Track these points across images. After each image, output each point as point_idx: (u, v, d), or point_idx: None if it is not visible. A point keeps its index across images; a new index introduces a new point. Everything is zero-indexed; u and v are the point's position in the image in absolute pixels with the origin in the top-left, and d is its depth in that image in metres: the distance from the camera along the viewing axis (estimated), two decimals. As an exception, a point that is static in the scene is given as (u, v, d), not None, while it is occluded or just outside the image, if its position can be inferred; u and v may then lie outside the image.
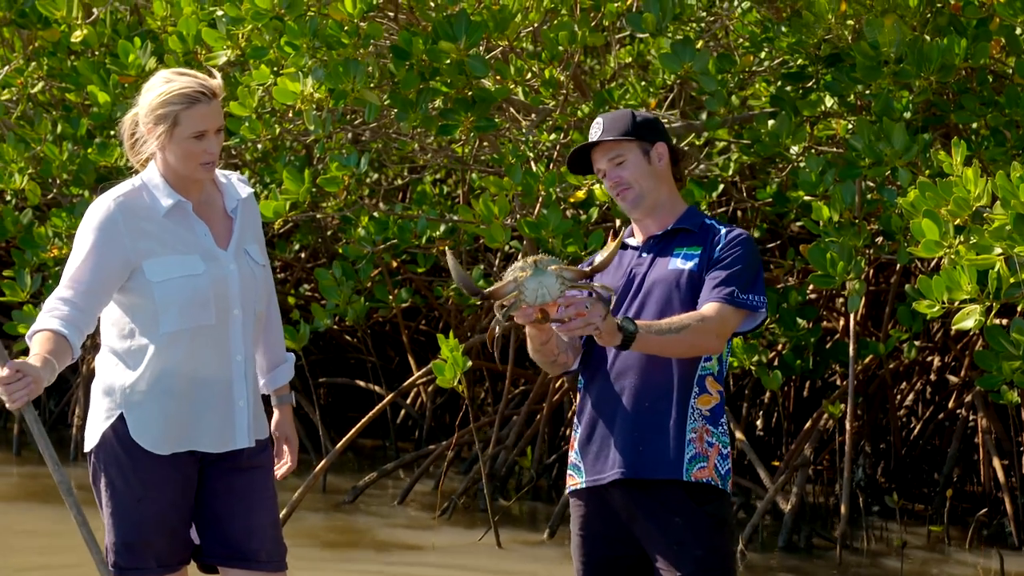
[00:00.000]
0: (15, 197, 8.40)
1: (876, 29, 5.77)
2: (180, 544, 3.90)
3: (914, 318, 6.96)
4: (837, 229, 5.95)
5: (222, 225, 3.91)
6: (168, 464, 3.82)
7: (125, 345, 3.84)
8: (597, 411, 3.94)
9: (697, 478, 3.85)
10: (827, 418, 7.66)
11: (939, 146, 6.09)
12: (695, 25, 6.88)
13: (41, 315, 3.76)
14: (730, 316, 3.86)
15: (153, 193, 3.83)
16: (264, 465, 3.97)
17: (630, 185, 3.97)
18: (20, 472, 9.30)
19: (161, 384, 3.81)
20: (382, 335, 10.81)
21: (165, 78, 3.82)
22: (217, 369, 3.85)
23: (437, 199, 8.47)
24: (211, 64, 6.84)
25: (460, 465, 9.17)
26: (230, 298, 3.85)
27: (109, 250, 3.77)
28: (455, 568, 7.10)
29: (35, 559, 6.95)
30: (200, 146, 3.79)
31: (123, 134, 3.91)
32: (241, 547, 3.89)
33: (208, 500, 3.89)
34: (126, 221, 3.79)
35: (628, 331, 3.71)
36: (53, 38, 7.67)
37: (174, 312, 3.79)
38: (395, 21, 6.83)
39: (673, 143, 4.09)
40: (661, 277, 3.93)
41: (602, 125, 4.01)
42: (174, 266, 3.80)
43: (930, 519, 7.85)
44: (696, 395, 3.89)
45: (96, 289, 3.77)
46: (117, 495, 3.81)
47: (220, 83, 3.84)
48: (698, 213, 4.06)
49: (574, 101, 6.85)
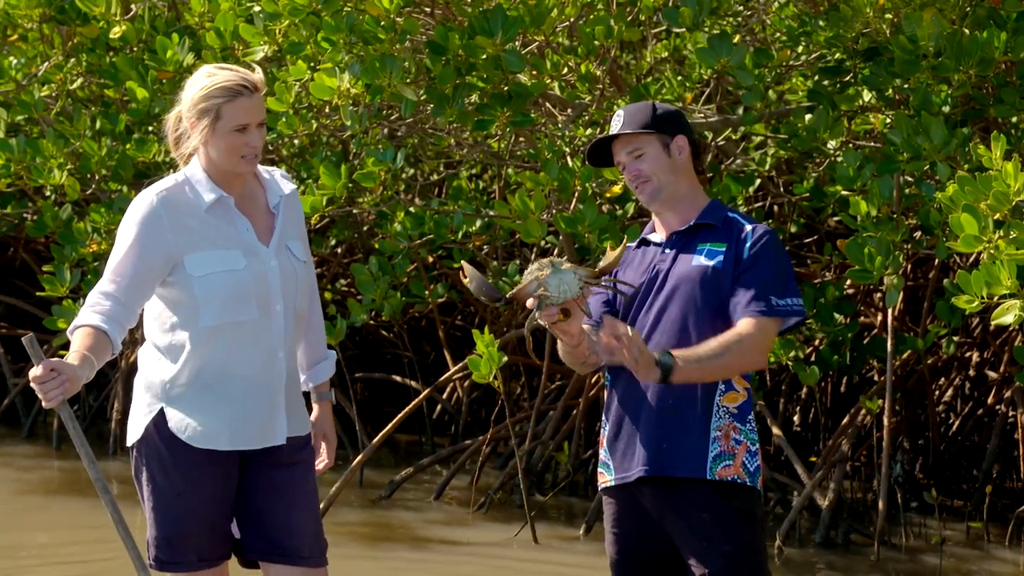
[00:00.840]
0: (54, 193, 8.47)
1: (915, 23, 5.74)
2: (220, 538, 3.92)
3: (953, 313, 6.92)
4: (875, 224, 5.92)
5: (264, 221, 3.92)
6: (208, 458, 3.84)
7: (166, 340, 3.86)
8: (623, 408, 3.93)
9: (721, 476, 3.83)
10: (864, 414, 7.62)
11: (978, 140, 6.05)
12: (732, 19, 6.86)
13: (83, 310, 3.78)
14: (771, 327, 3.83)
15: (196, 188, 3.85)
16: (304, 461, 3.98)
17: (648, 178, 3.94)
18: (60, 466, 9.36)
19: (201, 379, 3.82)
20: (418, 330, 10.83)
21: (207, 72, 3.84)
22: (258, 365, 3.87)
23: (473, 194, 8.48)
24: (248, 60, 6.87)
25: (496, 460, 9.18)
26: (271, 294, 3.86)
27: (151, 244, 3.79)
28: (491, 563, 7.11)
29: (74, 552, 6.99)
30: (242, 139, 3.81)
31: (167, 130, 3.94)
32: (282, 542, 3.90)
33: (249, 495, 3.91)
34: (169, 215, 3.81)
35: (666, 366, 3.67)
36: (92, 34, 7.72)
37: (215, 307, 3.80)
38: (431, 16, 6.83)
39: (694, 136, 4.05)
40: (685, 274, 3.89)
41: (622, 118, 3.98)
42: (215, 261, 3.81)
43: (969, 515, 7.81)
44: (722, 393, 3.86)
45: (138, 283, 3.79)
46: (158, 489, 3.83)
47: (261, 77, 3.86)
48: (721, 206, 4.02)
49: (610, 96, 6.84)
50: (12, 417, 10.49)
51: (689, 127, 4.05)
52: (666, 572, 3.94)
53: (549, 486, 8.58)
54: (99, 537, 7.30)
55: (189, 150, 3.89)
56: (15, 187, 8.24)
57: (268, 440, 3.89)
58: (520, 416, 8.77)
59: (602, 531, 7.57)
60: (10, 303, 11.11)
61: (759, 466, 3.89)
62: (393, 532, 7.69)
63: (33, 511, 7.91)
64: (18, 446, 9.93)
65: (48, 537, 7.32)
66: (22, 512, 7.88)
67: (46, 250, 10.05)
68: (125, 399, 9.80)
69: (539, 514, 7.69)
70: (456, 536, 7.60)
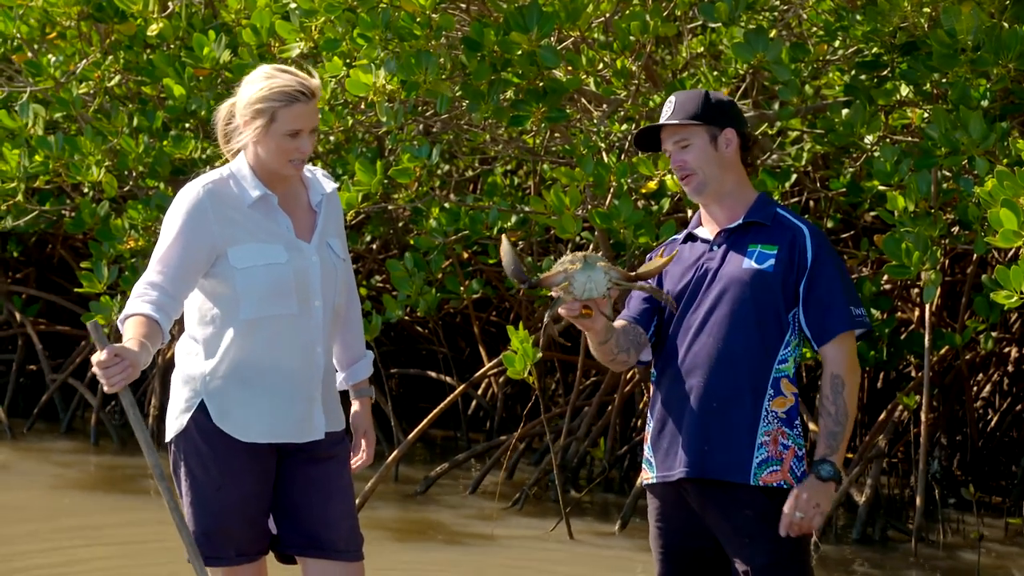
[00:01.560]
0: (92, 189, 8.52)
1: (953, 16, 5.70)
2: (259, 533, 3.94)
3: (991, 308, 6.88)
4: (912, 219, 5.88)
5: (305, 219, 3.96)
6: (247, 453, 3.86)
7: (206, 332, 3.89)
8: (667, 407, 3.89)
9: (766, 482, 3.79)
10: (902, 409, 7.59)
11: (1017, 135, 6.01)
12: (768, 14, 6.83)
13: (131, 299, 3.80)
14: (853, 341, 3.87)
15: (241, 183, 3.89)
16: (340, 456, 4.00)
17: (694, 171, 3.89)
18: (98, 462, 9.43)
19: (240, 371, 3.85)
20: (453, 326, 10.84)
21: (267, 74, 3.87)
22: (296, 360, 3.89)
23: (508, 190, 8.48)
24: (284, 56, 6.89)
25: (531, 456, 9.18)
26: (311, 289, 3.89)
27: (197, 235, 3.82)
28: (526, 559, 7.11)
29: (111, 547, 7.04)
30: (293, 144, 3.84)
31: (217, 123, 3.97)
32: (319, 536, 3.92)
33: (286, 490, 3.93)
34: (214, 207, 3.84)
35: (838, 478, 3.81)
36: (129, 32, 7.76)
37: (255, 299, 3.83)
38: (467, 12, 6.84)
39: (746, 128, 3.98)
40: (734, 276, 3.83)
41: (673, 104, 3.92)
42: (257, 254, 3.85)
43: (1008, 511, 7.76)
44: (771, 398, 3.82)
45: (183, 274, 3.82)
46: (197, 484, 3.85)
47: (319, 83, 3.90)
48: (769, 202, 3.96)
49: (646, 91, 6.83)
50: (51, 413, 10.56)
51: (740, 119, 3.99)
52: (712, 566, 3.92)
53: (584, 482, 8.58)
54: (134, 533, 7.35)
55: (238, 147, 3.92)
56: (53, 184, 8.29)
57: (306, 435, 3.91)
58: (555, 412, 8.78)
59: (638, 527, 7.60)
60: (49, 299, 11.18)
61: (805, 470, 3.84)
62: (428, 528, 7.71)
63: (70, 506, 7.96)
64: (56, 441, 10.00)
65: (84, 532, 7.37)
66: (59, 507, 7.93)
67: (84, 247, 10.11)
68: (163, 394, 9.86)
69: (574, 510, 7.69)
70: (491, 532, 7.61)
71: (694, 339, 3.84)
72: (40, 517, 7.69)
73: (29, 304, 11.04)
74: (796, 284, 3.84)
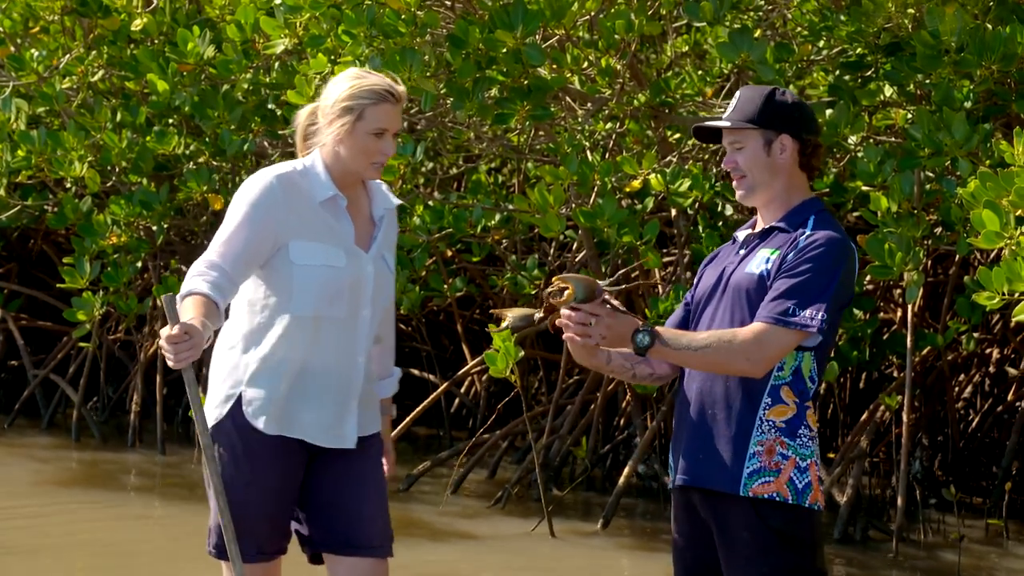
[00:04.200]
0: (75, 185, 8.49)
1: (937, 17, 5.71)
2: (280, 532, 3.95)
3: (973, 309, 6.90)
4: (895, 219, 5.90)
5: (365, 228, 3.98)
6: (278, 451, 3.86)
7: (253, 323, 3.89)
8: (679, 412, 3.83)
9: (757, 493, 3.65)
10: (883, 410, 7.60)
11: (1000, 136, 6.03)
12: (753, 14, 6.84)
13: (190, 277, 3.79)
14: (776, 337, 3.59)
15: (313, 180, 3.90)
16: (374, 453, 4.02)
17: (744, 174, 3.77)
18: (79, 458, 9.40)
19: (282, 366, 3.85)
20: (437, 324, 10.84)
21: (356, 75, 3.91)
22: (337, 364, 3.91)
23: (492, 188, 8.47)
24: (268, 52, 6.88)
25: (514, 454, 9.18)
26: (363, 297, 3.91)
27: (264, 222, 3.83)
28: (508, 557, 7.11)
29: (92, 544, 7.02)
30: (376, 144, 3.86)
31: (296, 124, 3.99)
32: (354, 534, 3.93)
33: (320, 487, 3.94)
34: (285, 197, 3.85)
35: (640, 345, 3.57)
36: (113, 27, 7.74)
37: (308, 298, 3.84)
38: (452, 10, 6.83)
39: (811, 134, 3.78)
40: (738, 282, 3.74)
41: (736, 101, 3.79)
42: (318, 253, 3.86)
43: (988, 512, 7.78)
44: (767, 407, 3.67)
45: (245, 259, 3.82)
46: (226, 479, 3.85)
47: (405, 90, 3.93)
48: (809, 208, 3.77)
49: (630, 90, 6.83)
50: (32, 409, 10.53)
51: (803, 123, 3.79)
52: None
53: (567, 480, 8.58)
54: (117, 528, 7.33)
55: (317, 147, 3.92)
56: (36, 179, 8.27)
57: (336, 442, 3.93)
58: (538, 410, 8.77)
59: (620, 526, 7.61)
60: (30, 295, 11.15)
61: (811, 483, 3.68)
62: (410, 525, 7.70)
63: (52, 502, 7.93)
64: (37, 437, 9.96)
65: (65, 528, 7.34)
66: (40, 503, 7.90)
67: (66, 242, 10.08)
68: (145, 391, 9.83)
69: (556, 509, 7.69)
70: (474, 530, 7.61)
71: None
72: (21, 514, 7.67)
73: (10, 300, 11.01)
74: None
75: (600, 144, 7.26)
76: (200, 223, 8.94)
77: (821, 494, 3.73)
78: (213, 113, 7.45)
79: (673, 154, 7.14)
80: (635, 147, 7.22)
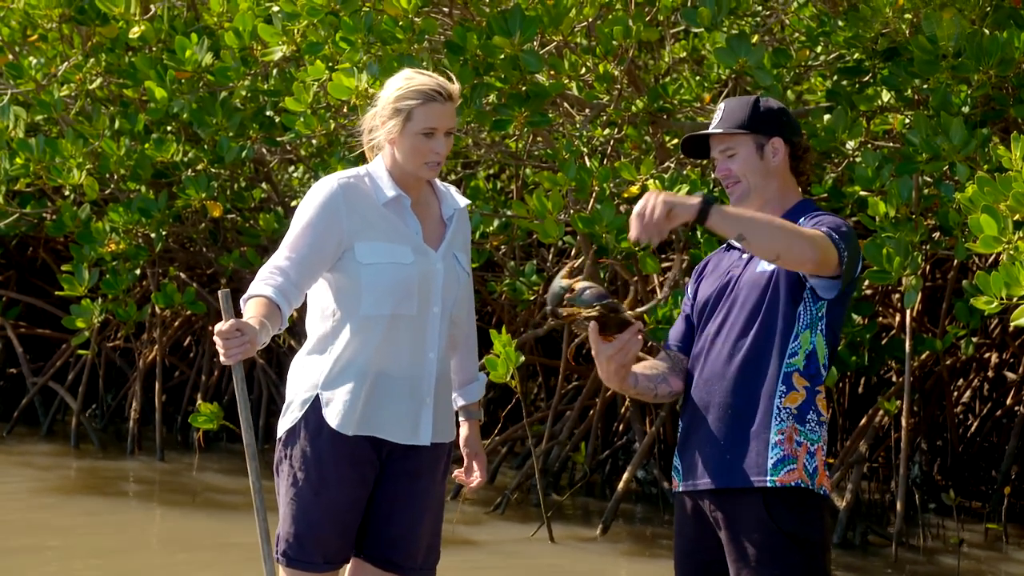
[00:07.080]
0: (73, 192, 8.49)
1: (934, 23, 5.72)
2: (348, 542, 3.94)
3: (971, 314, 6.90)
4: (894, 224, 5.90)
5: (435, 228, 4.00)
6: (349, 459, 3.86)
7: (325, 327, 3.91)
8: (692, 417, 3.84)
9: (784, 482, 3.69)
10: (882, 415, 7.61)
11: (998, 141, 6.03)
12: (750, 20, 6.86)
13: (256, 281, 3.83)
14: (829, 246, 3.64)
15: (376, 183, 3.94)
16: (438, 473, 4.02)
17: (738, 179, 3.84)
18: (78, 465, 9.39)
19: (355, 366, 3.87)
20: (435, 330, 10.82)
21: (406, 75, 3.94)
22: (409, 362, 3.92)
23: (491, 194, 8.49)
24: (266, 59, 6.89)
25: (513, 460, 9.18)
26: (432, 293, 3.93)
27: (328, 226, 3.86)
28: (508, 563, 7.11)
29: (92, 550, 7.02)
30: (428, 144, 3.88)
31: (363, 127, 4.03)
32: (397, 554, 3.94)
33: (378, 501, 3.94)
34: (348, 201, 3.89)
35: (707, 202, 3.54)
36: (111, 34, 7.75)
37: (377, 297, 3.86)
38: (449, 16, 6.84)
39: (798, 137, 3.90)
40: (750, 281, 3.79)
41: (722, 112, 3.87)
42: (384, 252, 3.89)
43: (987, 517, 7.78)
44: (782, 395, 3.73)
45: (311, 263, 3.86)
46: (297, 486, 3.86)
47: (458, 88, 3.95)
48: (806, 208, 3.87)
49: (628, 96, 6.84)
50: (31, 416, 10.52)
51: (791, 127, 3.90)
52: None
53: (566, 486, 8.58)
54: (116, 535, 7.33)
55: (373, 145, 3.98)
56: (35, 187, 8.27)
57: (412, 438, 3.93)
58: (537, 416, 8.78)
59: (620, 531, 7.61)
60: (29, 302, 11.15)
61: (818, 467, 3.74)
62: (410, 532, 7.70)
63: (51, 510, 7.93)
64: (37, 445, 9.96)
65: (65, 536, 7.34)
66: (40, 511, 7.90)
67: (65, 249, 10.08)
68: (144, 399, 9.83)
69: (556, 514, 7.69)
70: (473, 535, 7.61)
71: (710, 347, 3.82)
72: (20, 522, 7.67)
73: (9, 307, 11.00)
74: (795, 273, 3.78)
75: (598, 150, 7.27)
76: (199, 230, 8.95)
77: (828, 480, 3.78)
78: (211, 120, 7.46)
79: (671, 159, 7.15)
80: (633, 153, 7.23)
